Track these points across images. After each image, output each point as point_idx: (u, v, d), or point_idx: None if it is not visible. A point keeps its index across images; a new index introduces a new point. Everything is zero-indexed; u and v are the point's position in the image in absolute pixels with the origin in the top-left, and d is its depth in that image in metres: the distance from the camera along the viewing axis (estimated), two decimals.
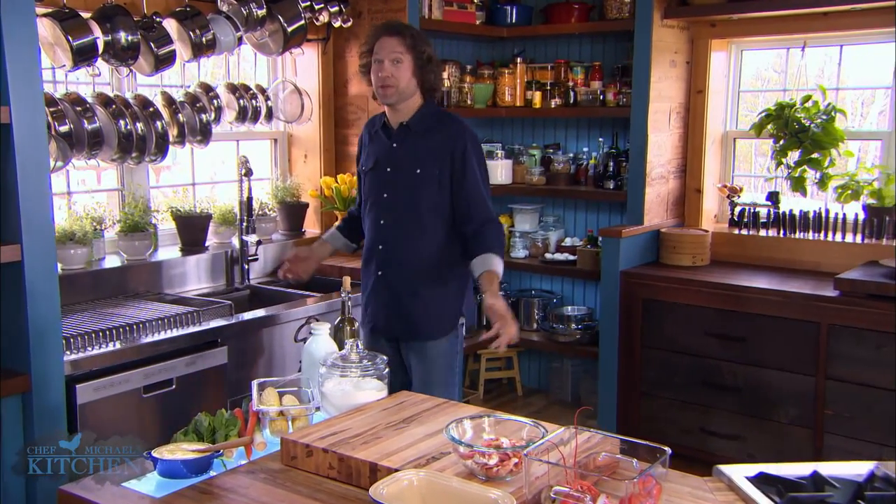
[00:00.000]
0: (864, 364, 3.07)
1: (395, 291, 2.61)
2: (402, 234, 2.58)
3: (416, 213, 2.57)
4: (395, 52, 2.52)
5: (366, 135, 2.74)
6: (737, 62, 4.08)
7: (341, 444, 1.53)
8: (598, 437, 1.54)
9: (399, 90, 2.53)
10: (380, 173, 2.62)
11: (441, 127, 2.59)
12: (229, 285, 3.39)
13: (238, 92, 3.38)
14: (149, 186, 3.33)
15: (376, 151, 2.65)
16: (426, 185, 2.55)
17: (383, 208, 2.61)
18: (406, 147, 2.59)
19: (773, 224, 3.84)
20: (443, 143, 2.55)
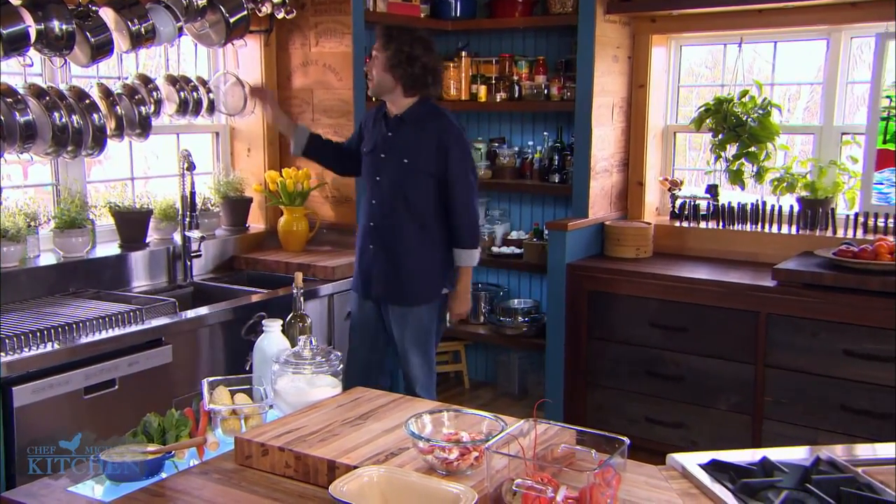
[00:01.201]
0: (800, 351, 3.18)
1: (384, 264, 3.00)
2: (391, 213, 2.95)
3: (403, 196, 2.94)
4: (374, 50, 2.95)
5: (369, 119, 3.09)
6: (676, 57, 4.16)
7: (298, 442, 1.51)
8: (555, 429, 1.55)
9: (375, 83, 2.95)
10: (375, 158, 2.99)
11: (430, 121, 2.93)
12: (171, 282, 3.31)
13: (178, 84, 3.29)
14: (85, 181, 3.22)
15: (375, 137, 3.01)
16: (413, 172, 2.92)
17: (376, 190, 3.00)
18: (399, 137, 2.94)
19: (713, 216, 3.95)
20: (430, 136, 2.90)
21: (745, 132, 3.74)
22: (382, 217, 2.98)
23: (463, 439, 1.42)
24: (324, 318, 3.36)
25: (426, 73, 2.92)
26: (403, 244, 2.97)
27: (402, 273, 2.98)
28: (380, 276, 3.01)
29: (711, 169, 4.00)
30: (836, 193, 3.69)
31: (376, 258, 3.01)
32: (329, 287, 3.35)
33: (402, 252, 2.98)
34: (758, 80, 3.83)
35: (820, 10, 3.54)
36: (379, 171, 2.97)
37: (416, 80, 2.91)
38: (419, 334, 3.03)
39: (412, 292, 3.00)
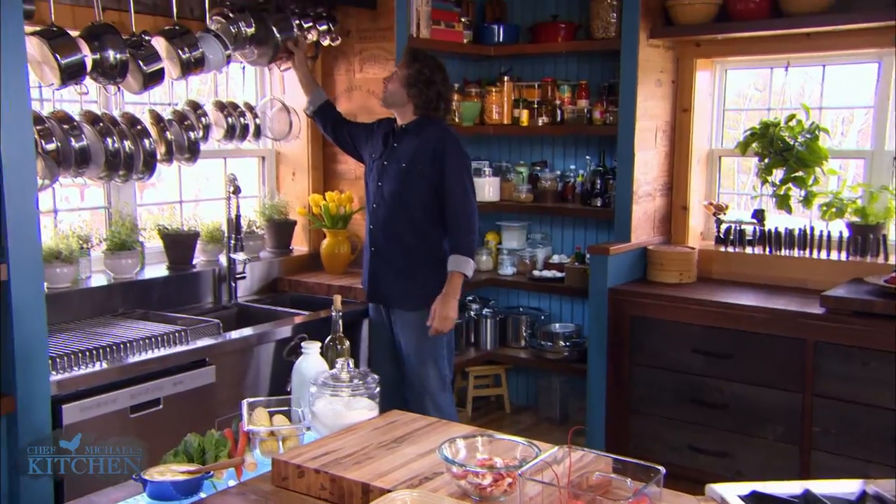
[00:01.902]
0: (850, 381, 3.09)
1: (385, 266, 3.14)
2: (391, 217, 3.09)
3: (402, 200, 3.08)
4: (396, 67, 3.18)
5: (382, 128, 3.26)
6: (721, 81, 4.12)
7: (333, 465, 1.52)
8: (590, 456, 1.54)
9: (388, 93, 3.13)
10: (379, 164, 3.15)
11: (428, 130, 3.09)
12: (217, 303, 3.37)
13: (226, 110, 3.37)
14: (136, 204, 3.31)
15: (379, 146, 3.20)
16: (410, 177, 3.05)
17: (377, 195, 3.14)
18: (400, 146, 3.11)
19: (759, 241, 3.88)
20: (427, 142, 3.05)
21: (792, 156, 3.68)
22: (382, 221, 3.12)
23: (496, 465, 1.41)
24: (364, 340, 3.39)
25: (439, 99, 3.13)
26: (403, 247, 3.10)
27: (402, 276, 3.10)
28: (383, 279, 3.15)
29: (758, 194, 3.94)
30: (888, 219, 3.60)
31: (377, 260, 3.15)
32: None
33: (402, 255, 3.10)
34: (805, 104, 3.77)
35: (869, 34, 3.48)
36: (380, 176, 3.13)
37: (429, 103, 3.10)
38: (426, 340, 3.08)
39: (414, 295, 3.09)
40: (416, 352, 3.11)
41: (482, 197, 4.33)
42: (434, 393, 3.11)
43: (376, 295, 3.19)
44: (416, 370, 3.12)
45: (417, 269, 3.10)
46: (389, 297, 3.16)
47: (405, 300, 3.12)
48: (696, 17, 3.71)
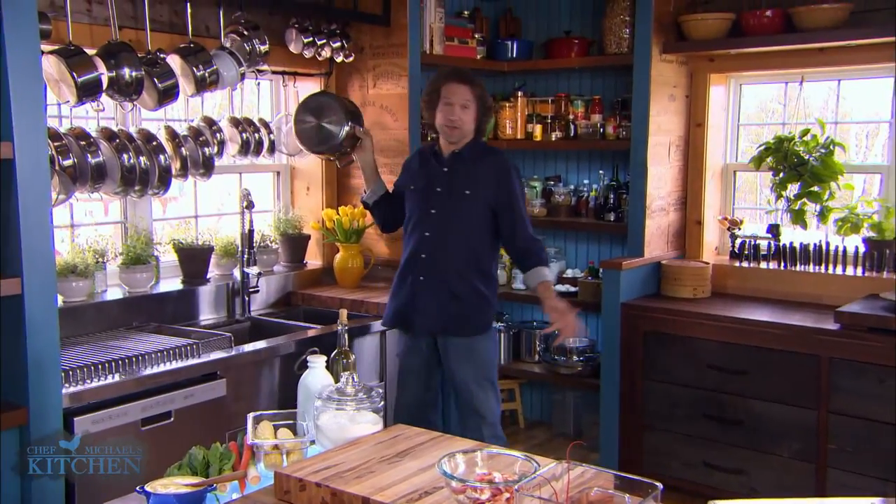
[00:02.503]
0: (866, 398, 3.06)
1: (436, 294, 3.00)
2: (446, 244, 3.00)
3: (461, 226, 3.00)
4: (465, 99, 2.97)
5: (416, 160, 3.16)
6: (736, 96, 4.11)
7: (334, 479, 1.53)
8: (591, 472, 1.53)
9: (463, 132, 2.99)
10: (429, 192, 3.03)
11: (488, 157, 3.04)
12: (230, 317, 3.40)
13: (241, 126, 3.42)
14: (151, 219, 3.36)
15: (427, 174, 3.06)
16: (472, 203, 2.99)
17: (430, 222, 3.02)
18: (457, 172, 3.01)
19: (774, 256, 3.85)
20: (489, 171, 3.00)
21: (807, 171, 3.66)
22: (436, 248, 3.00)
23: (495, 480, 1.42)
24: (376, 354, 3.40)
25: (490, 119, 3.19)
26: (458, 273, 3.00)
27: (458, 304, 2.99)
28: (430, 309, 3.01)
29: (773, 208, 3.91)
30: None
31: (426, 289, 3.01)
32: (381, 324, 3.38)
33: (457, 280, 2.99)
34: (820, 118, 3.75)
35: (883, 49, 3.45)
36: (433, 204, 3.01)
37: (486, 126, 3.13)
38: (484, 367, 3.04)
39: (471, 323, 3.02)
40: (474, 379, 3.01)
41: None
42: (494, 423, 3.04)
43: (422, 327, 3.04)
44: (476, 398, 3.02)
45: (471, 294, 3.01)
46: (446, 328, 3.02)
47: (460, 327, 3.01)
48: (709, 33, 3.71)
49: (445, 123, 2.98)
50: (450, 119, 2.96)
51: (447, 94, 2.97)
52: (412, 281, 3.04)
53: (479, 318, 3.03)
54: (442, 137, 3.05)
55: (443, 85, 2.99)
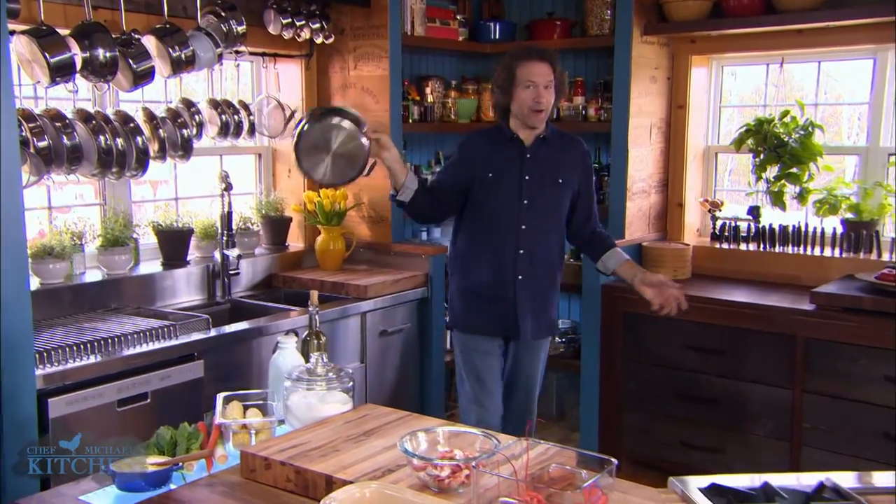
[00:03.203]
0: (840, 377, 3.09)
1: (531, 294, 2.81)
2: (543, 238, 2.83)
3: (555, 217, 2.85)
4: (548, 79, 2.73)
5: (482, 145, 2.87)
6: (717, 77, 4.12)
7: (299, 457, 1.55)
8: (554, 450, 1.56)
9: (547, 114, 2.78)
10: (514, 181, 2.80)
11: (572, 142, 2.92)
12: (210, 299, 3.41)
13: (220, 107, 3.40)
14: (130, 201, 3.35)
15: (507, 161, 2.81)
16: (565, 192, 2.85)
17: (525, 214, 2.79)
18: (541, 158, 2.82)
19: (754, 238, 3.87)
20: (576, 157, 2.89)
21: (786, 153, 3.67)
22: (535, 242, 2.80)
23: (456, 457, 1.43)
24: (357, 336, 3.42)
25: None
26: (550, 269, 2.86)
27: (548, 301, 2.86)
28: (526, 309, 2.80)
29: (753, 190, 3.93)
30: (882, 216, 3.59)
31: (526, 290, 2.79)
32: (362, 305, 3.40)
33: (548, 277, 2.85)
34: (800, 100, 3.76)
35: (863, 30, 3.46)
36: (522, 194, 2.78)
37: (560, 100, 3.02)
38: (544, 365, 2.99)
39: (554, 321, 2.94)
40: (537, 381, 2.97)
41: None
42: (535, 411, 3.02)
43: (524, 329, 2.82)
44: (533, 398, 2.97)
45: (554, 290, 2.91)
46: (536, 329, 2.84)
47: (550, 327, 2.92)
48: (689, 14, 3.71)
49: (532, 107, 2.71)
50: (537, 102, 2.70)
51: (527, 74, 2.71)
52: (513, 281, 2.79)
53: (555, 317, 2.96)
54: (517, 122, 2.80)
55: (520, 65, 2.74)
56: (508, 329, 2.83)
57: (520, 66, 2.73)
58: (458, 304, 2.93)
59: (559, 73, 2.77)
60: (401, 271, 3.70)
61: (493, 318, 2.82)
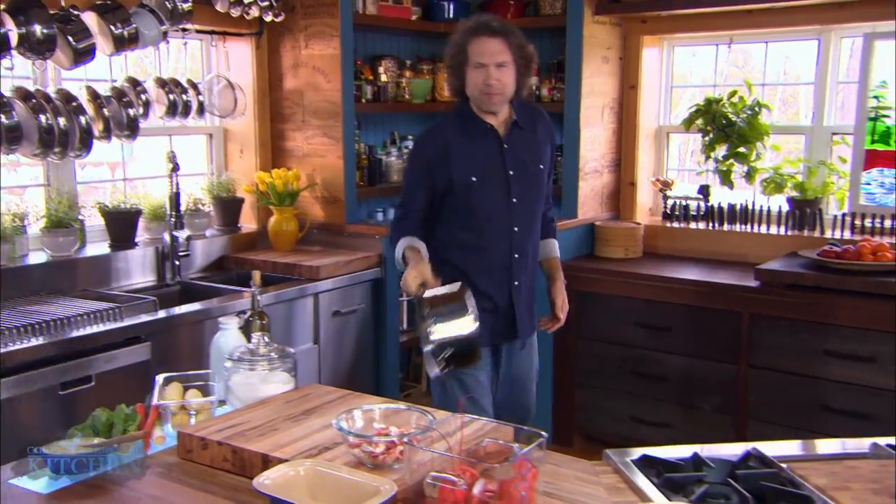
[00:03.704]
0: (782, 352, 3.17)
1: (527, 293, 2.56)
2: (531, 237, 2.50)
3: (536, 210, 2.54)
4: (501, 57, 2.37)
5: (449, 144, 2.43)
6: (669, 58, 4.15)
7: (237, 437, 1.54)
8: (490, 426, 1.58)
9: (504, 97, 2.41)
10: (499, 179, 2.43)
11: (538, 117, 2.58)
12: (160, 281, 3.37)
13: (168, 87, 3.34)
14: (76, 182, 3.29)
15: (483, 158, 2.43)
16: (545, 180, 2.56)
17: (515, 215, 2.45)
18: (519, 146, 2.47)
19: (704, 217, 3.94)
20: (545, 136, 2.56)
21: (735, 132, 3.73)
22: (526, 243, 2.51)
23: (391, 434, 1.45)
24: (310, 316, 3.41)
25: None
26: (535, 262, 2.61)
27: (534, 295, 2.62)
28: (521, 312, 2.55)
29: (702, 169, 3.99)
30: (826, 194, 3.67)
31: (521, 294, 2.53)
32: (315, 286, 3.39)
33: (534, 271, 2.61)
34: (748, 80, 3.82)
35: (809, 10, 3.52)
36: (512, 191, 2.44)
37: (527, 82, 2.52)
38: (535, 361, 2.72)
39: (537, 314, 2.68)
40: (532, 377, 2.69)
41: None
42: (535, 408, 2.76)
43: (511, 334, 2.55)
44: (531, 396, 2.69)
45: (536, 282, 2.65)
46: (523, 330, 2.58)
47: (534, 320, 2.65)
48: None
49: (482, 91, 2.37)
50: (487, 85, 2.36)
51: (477, 53, 2.37)
52: (510, 289, 2.50)
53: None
54: (475, 106, 2.46)
55: (469, 42, 2.40)
56: (504, 337, 2.55)
57: (470, 44, 2.40)
58: None
59: (520, 49, 2.41)
60: (354, 252, 3.69)
61: (488, 332, 2.42)
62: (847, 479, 1.38)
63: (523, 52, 2.43)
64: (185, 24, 3.19)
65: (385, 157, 4.20)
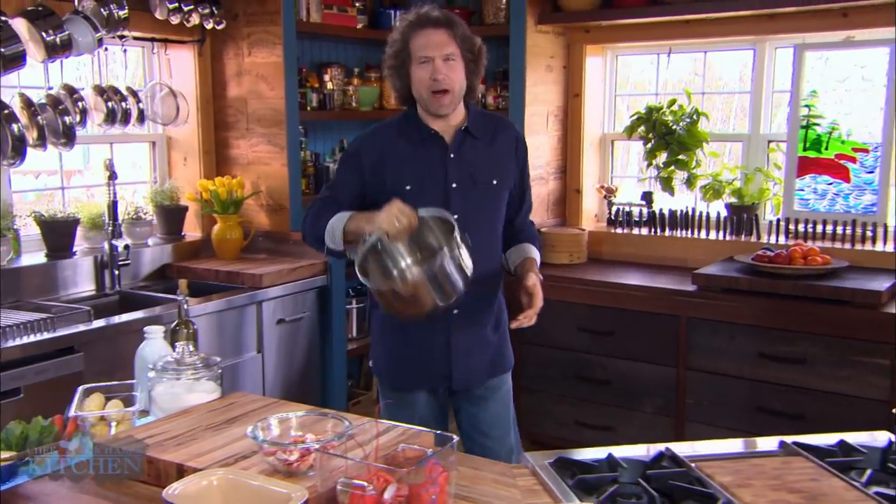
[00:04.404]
0: (718, 354, 3.24)
1: (475, 330, 2.21)
2: (479, 258, 2.03)
3: (492, 231, 2.23)
4: (447, 50, 2.09)
5: (387, 147, 2.18)
6: (612, 66, 4.22)
7: (154, 447, 1.53)
8: (412, 431, 1.59)
9: (455, 95, 2.12)
10: (437, 191, 2.14)
11: (501, 127, 2.28)
12: (99, 291, 3.32)
13: (106, 94, 3.31)
14: (11, 190, 3.23)
15: (422, 166, 2.16)
16: (501, 196, 2.24)
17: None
18: (469, 156, 2.18)
19: (646, 223, 4.01)
20: (506, 147, 2.26)
21: (674, 140, 3.80)
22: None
23: (307, 441, 1.45)
24: (253, 325, 3.39)
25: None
26: (494, 293, 2.29)
27: (496, 333, 2.30)
28: (468, 353, 2.22)
29: (645, 176, 4.06)
30: (763, 200, 3.76)
31: (462, 329, 2.19)
32: (258, 294, 3.37)
33: (494, 304, 2.29)
34: (688, 89, 3.90)
35: (743, 21, 3.61)
36: (449, 206, 2.12)
37: (477, 81, 2.24)
38: (509, 402, 2.40)
39: (504, 354, 2.35)
40: (510, 415, 2.39)
41: None
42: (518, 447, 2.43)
43: (460, 379, 2.23)
44: (509, 437, 2.37)
45: (503, 315, 2.33)
46: (466, 374, 2.24)
47: (500, 365, 2.32)
48: (582, 4, 3.79)
49: (429, 88, 2.09)
50: (433, 80, 2.08)
51: (420, 46, 2.10)
52: (446, 321, 2.15)
53: (509, 351, 2.39)
54: (423, 109, 2.18)
55: (411, 36, 2.12)
56: (441, 379, 2.22)
57: (412, 38, 2.11)
58: (379, 350, 2.33)
59: (466, 42, 2.15)
60: (300, 260, 3.68)
61: (422, 369, 2.21)
62: (749, 476, 1.42)
63: (470, 44, 2.16)
64: (122, 32, 3.16)
65: (333, 164, 4.20)
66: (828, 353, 2.99)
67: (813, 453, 1.53)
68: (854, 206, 3.48)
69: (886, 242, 3.36)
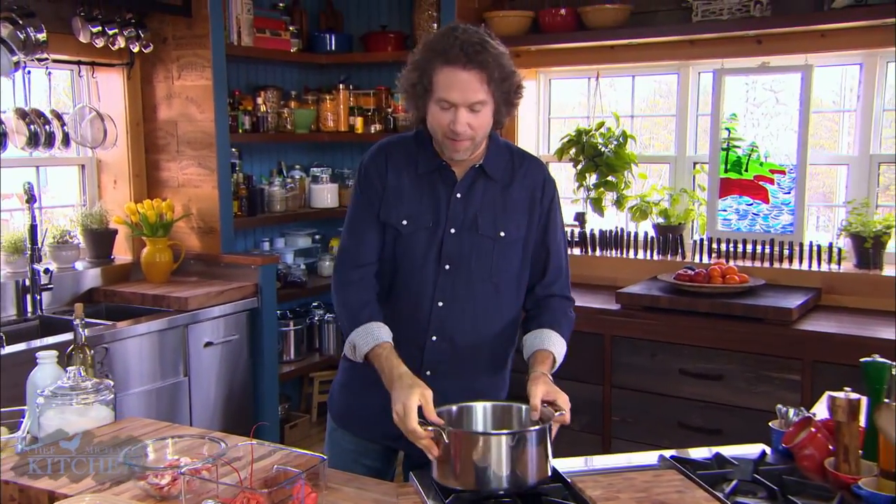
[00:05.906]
0: (641, 372, 3.28)
1: (450, 393, 1.74)
2: (469, 319, 1.85)
3: (492, 290, 1.88)
4: (475, 97, 1.74)
5: (401, 170, 1.89)
6: (546, 90, 4.30)
7: (29, 475, 1.52)
8: (294, 454, 1.59)
9: (476, 142, 1.81)
10: (432, 233, 1.86)
11: (522, 170, 1.91)
12: (21, 316, 3.27)
13: (28, 117, 3.28)
14: None
15: (423, 201, 1.86)
16: (511, 251, 1.89)
17: (442, 285, 1.85)
18: (478, 199, 1.87)
19: (579, 243, 4.06)
20: (526, 193, 1.90)
21: (603, 162, 3.88)
22: (448, 323, 1.86)
23: (181, 465, 1.45)
24: (179, 349, 3.36)
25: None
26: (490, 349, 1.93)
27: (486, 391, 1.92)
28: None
29: (576, 197, 4.12)
30: (688, 220, 3.84)
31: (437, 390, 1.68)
32: (184, 317, 3.35)
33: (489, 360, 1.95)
34: (616, 112, 3.98)
35: (665, 47, 3.71)
36: (446, 255, 1.86)
37: (508, 115, 1.87)
38: None
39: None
40: None
41: (323, 203, 4.38)
42: None
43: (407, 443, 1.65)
44: None
45: (497, 382, 1.99)
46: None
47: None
48: (510, 29, 3.86)
49: (445, 135, 1.78)
50: (452, 131, 1.76)
51: (443, 87, 1.75)
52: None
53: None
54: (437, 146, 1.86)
55: (437, 70, 1.75)
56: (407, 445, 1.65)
57: (437, 73, 1.75)
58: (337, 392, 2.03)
59: (503, 82, 1.79)
60: (230, 282, 3.67)
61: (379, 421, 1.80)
62: (619, 490, 1.45)
63: (506, 87, 1.81)
64: (41, 55, 3.14)
65: (268, 186, 4.20)
66: (743, 370, 3.05)
67: (688, 466, 1.57)
68: (773, 225, 3.58)
69: (802, 261, 3.45)
